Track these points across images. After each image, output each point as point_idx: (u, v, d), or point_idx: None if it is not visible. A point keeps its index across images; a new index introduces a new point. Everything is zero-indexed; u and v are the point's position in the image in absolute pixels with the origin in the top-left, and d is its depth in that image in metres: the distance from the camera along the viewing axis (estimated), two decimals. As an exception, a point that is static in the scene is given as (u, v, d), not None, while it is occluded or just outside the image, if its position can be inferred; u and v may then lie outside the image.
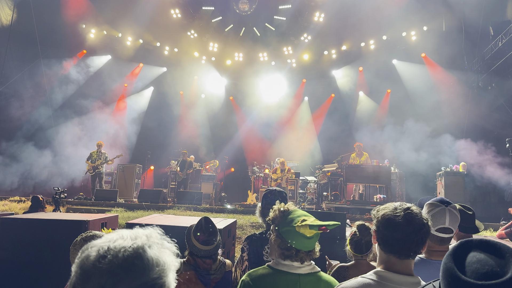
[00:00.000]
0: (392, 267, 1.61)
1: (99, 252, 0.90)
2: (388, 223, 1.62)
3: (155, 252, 0.94)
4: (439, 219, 2.08)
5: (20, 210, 9.06)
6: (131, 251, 0.91)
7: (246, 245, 2.74)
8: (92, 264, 0.89)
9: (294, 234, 1.83)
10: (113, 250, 0.90)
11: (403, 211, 1.63)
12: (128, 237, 0.95)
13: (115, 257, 0.89)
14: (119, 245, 0.92)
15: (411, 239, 1.58)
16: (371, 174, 11.43)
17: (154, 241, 0.98)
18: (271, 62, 18.41)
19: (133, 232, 0.97)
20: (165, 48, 17.73)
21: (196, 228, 2.68)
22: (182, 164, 13.15)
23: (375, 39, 16.38)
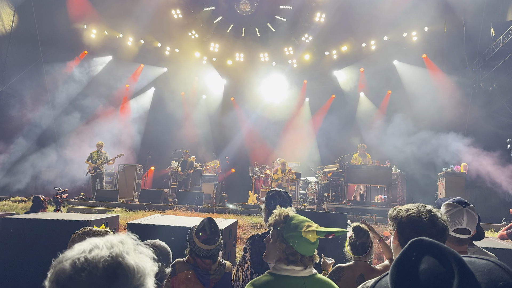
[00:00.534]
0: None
1: (76, 265, 0.85)
2: (414, 225, 1.61)
3: (134, 259, 0.92)
4: (457, 219, 2.09)
5: (21, 210, 9.07)
6: (110, 260, 0.87)
7: (249, 245, 2.75)
8: (69, 278, 0.84)
9: (299, 239, 1.83)
10: (91, 261, 0.86)
11: (428, 212, 1.62)
12: (104, 246, 0.90)
13: (94, 268, 0.85)
14: (97, 255, 0.87)
15: (438, 240, 1.57)
16: (372, 175, 11.43)
17: (130, 247, 0.95)
18: (272, 63, 18.42)
19: (106, 240, 0.93)
20: (166, 49, 17.74)
21: (199, 227, 2.71)
22: (183, 164, 13.15)
23: (376, 39, 16.38)
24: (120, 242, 0.94)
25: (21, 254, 4.13)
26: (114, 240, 0.94)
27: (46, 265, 3.17)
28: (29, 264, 4.06)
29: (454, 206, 2.13)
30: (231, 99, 19.11)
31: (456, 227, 2.08)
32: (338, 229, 1.84)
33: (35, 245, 4.15)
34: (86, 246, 0.90)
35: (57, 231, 4.18)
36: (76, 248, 0.91)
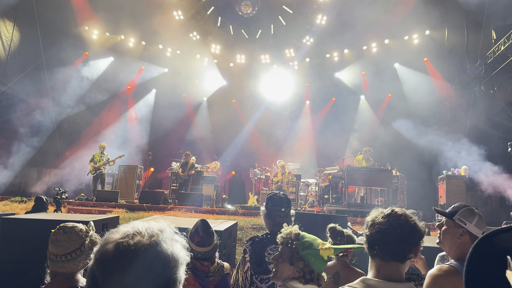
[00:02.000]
0: (379, 271, 1.56)
1: (119, 248, 0.91)
2: (379, 230, 1.60)
3: (170, 248, 0.96)
4: (483, 222, 2.14)
5: (21, 210, 9.07)
6: (150, 248, 0.93)
7: (249, 246, 2.75)
8: (113, 260, 0.90)
9: (316, 257, 1.80)
10: (133, 247, 0.92)
11: (388, 216, 1.64)
12: (146, 233, 0.96)
13: (135, 254, 0.91)
14: (139, 242, 0.93)
15: (400, 239, 1.55)
16: (372, 177, 11.42)
17: (168, 235, 1.00)
18: (273, 65, 18.43)
19: (148, 227, 0.98)
20: (167, 50, 17.76)
21: (193, 230, 2.71)
22: (183, 165, 13.15)
23: (377, 42, 16.39)
24: (159, 230, 0.99)
25: (20, 254, 4.13)
26: (155, 228, 0.99)
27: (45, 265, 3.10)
28: (29, 264, 4.06)
29: (475, 210, 2.19)
30: (233, 101, 19.11)
31: (485, 229, 2.11)
32: (354, 245, 1.82)
33: (34, 245, 4.15)
34: (130, 231, 0.97)
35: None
36: (121, 231, 0.97)
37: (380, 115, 17.50)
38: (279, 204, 2.84)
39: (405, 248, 1.55)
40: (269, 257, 2.66)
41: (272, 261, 1.95)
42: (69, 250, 2.13)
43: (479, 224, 2.11)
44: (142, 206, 10.81)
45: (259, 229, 8.29)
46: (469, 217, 2.15)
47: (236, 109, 19.10)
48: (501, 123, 12.62)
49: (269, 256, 2.67)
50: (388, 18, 14.64)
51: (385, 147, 15.53)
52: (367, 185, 11.76)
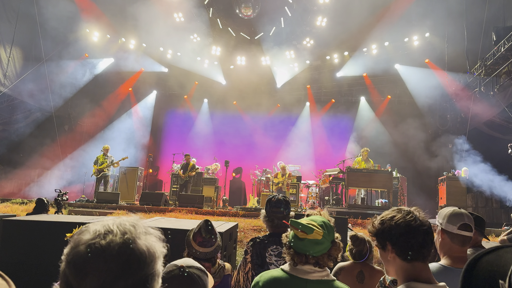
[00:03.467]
0: (420, 275, 1.53)
1: (91, 249, 0.89)
2: (408, 230, 1.54)
3: (144, 243, 0.94)
4: (458, 217, 2.14)
5: (22, 212, 9.08)
6: (124, 247, 0.90)
7: (250, 247, 2.75)
8: (85, 262, 0.88)
9: (291, 234, 1.84)
10: (106, 247, 0.89)
11: (412, 214, 1.60)
12: (117, 231, 0.93)
13: (109, 255, 0.88)
14: (112, 241, 0.90)
15: (430, 238, 1.56)
16: (372, 179, 11.41)
17: (141, 230, 0.97)
18: (273, 66, 18.44)
19: (119, 224, 0.95)
20: (168, 52, 17.79)
21: (196, 230, 2.70)
22: (184, 167, 13.16)
23: (377, 44, 16.40)
24: (132, 226, 0.96)
25: (21, 255, 4.14)
26: (127, 224, 0.96)
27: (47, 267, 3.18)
28: (29, 266, 4.06)
29: (451, 209, 2.21)
30: (234, 103, 19.14)
31: (461, 222, 2.12)
32: (308, 222, 1.79)
33: (35, 246, 4.16)
34: (100, 229, 0.93)
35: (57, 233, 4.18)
36: (91, 230, 0.93)
37: (381, 117, 17.52)
38: (277, 206, 2.86)
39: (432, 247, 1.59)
40: (270, 258, 2.67)
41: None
42: None
43: (451, 220, 2.14)
44: (142, 208, 10.82)
45: (259, 230, 8.29)
46: (440, 216, 2.21)
47: (237, 110, 19.12)
48: (501, 125, 12.63)
49: (271, 257, 2.67)
50: (388, 20, 14.65)
51: (386, 149, 15.55)
52: (367, 187, 11.75)
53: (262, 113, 18.47)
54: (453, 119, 15.29)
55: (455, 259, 2.11)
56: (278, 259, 2.66)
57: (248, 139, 18.14)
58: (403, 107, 17.22)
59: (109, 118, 17.73)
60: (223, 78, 18.88)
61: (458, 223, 2.12)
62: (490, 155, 12.78)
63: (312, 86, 18.78)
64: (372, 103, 18.10)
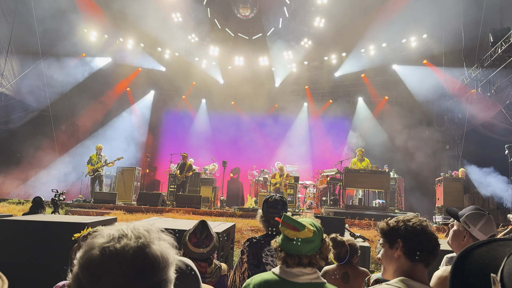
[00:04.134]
0: (417, 274, 1.63)
1: (105, 253, 0.88)
2: (424, 233, 1.67)
3: (158, 248, 0.93)
4: (490, 227, 2.10)
5: (19, 212, 9.05)
6: (138, 251, 0.89)
7: (246, 247, 2.75)
8: (99, 265, 0.87)
9: (282, 236, 1.82)
10: (120, 251, 0.88)
11: (426, 221, 1.73)
12: (132, 235, 0.92)
13: (123, 259, 0.87)
14: (126, 245, 0.89)
15: (438, 245, 1.68)
16: (370, 179, 11.43)
17: (155, 235, 0.96)
18: (271, 67, 18.46)
19: (133, 228, 0.95)
20: (165, 52, 17.78)
21: (191, 231, 2.70)
22: (181, 167, 13.15)
23: (374, 45, 16.43)
24: (146, 230, 0.95)
25: (18, 255, 4.13)
26: (141, 229, 0.95)
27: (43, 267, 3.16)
28: (26, 266, 4.05)
29: (483, 214, 2.15)
30: (232, 103, 19.15)
31: (490, 234, 2.09)
32: (301, 222, 1.77)
33: (32, 247, 4.15)
34: (115, 233, 0.92)
35: (55, 233, 4.18)
36: (105, 234, 0.92)
37: (378, 117, 17.56)
38: (274, 206, 2.85)
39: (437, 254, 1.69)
40: (266, 259, 2.67)
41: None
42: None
43: (483, 229, 2.09)
44: (140, 208, 10.80)
45: (257, 230, 8.30)
46: (474, 221, 2.14)
47: (235, 110, 19.13)
48: (498, 126, 12.68)
49: (267, 257, 2.68)
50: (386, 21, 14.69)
51: (383, 150, 15.59)
52: (365, 187, 11.77)
53: (260, 113, 18.48)
54: (450, 120, 15.34)
55: None
56: (274, 259, 2.67)
57: (246, 139, 18.14)
58: (400, 108, 17.27)
59: (107, 118, 17.69)
60: (221, 78, 18.88)
61: (488, 234, 2.09)
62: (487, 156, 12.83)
63: (310, 87, 18.81)
64: (370, 103, 18.14)
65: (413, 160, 15.28)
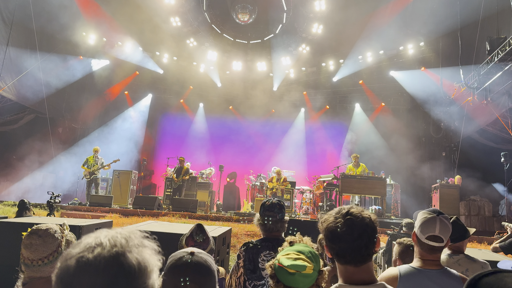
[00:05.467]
0: (352, 277, 1.56)
1: (79, 264, 0.86)
2: (332, 236, 1.57)
3: (136, 256, 0.90)
4: (429, 227, 2.12)
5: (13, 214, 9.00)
6: (111, 261, 0.87)
7: (243, 252, 2.75)
8: (73, 277, 0.85)
9: (278, 266, 1.71)
10: (93, 261, 0.86)
11: (343, 217, 1.57)
12: (107, 244, 0.89)
13: (96, 269, 0.85)
14: (99, 255, 0.87)
15: (358, 244, 1.53)
16: (366, 185, 11.45)
17: (134, 243, 0.93)
18: (269, 72, 18.51)
19: (112, 236, 0.92)
20: (164, 56, 17.80)
21: (188, 235, 2.70)
22: (178, 171, 13.12)
23: (372, 51, 16.52)
24: (124, 238, 0.93)
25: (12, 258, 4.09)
26: (118, 237, 0.93)
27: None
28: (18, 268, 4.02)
29: (428, 214, 2.17)
30: (230, 107, 19.16)
31: (428, 234, 2.11)
32: (302, 264, 1.65)
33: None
34: (91, 242, 0.90)
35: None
36: (82, 243, 0.91)
37: (375, 124, 17.61)
38: (270, 209, 2.85)
39: (371, 248, 1.56)
40: (262, 263, 2.66)
41: None
42: (46, 254, 2.00)
43: (422, 228, 2.14)
44: (136, 211, 10.77)
45: (253, 235, 8.28)
46: (417, 219, 2.23)
47: (233, 115, 19.14)
48: (494, 134, 12.75)
49: (263, 262, 2.67)
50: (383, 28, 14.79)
51: (380, 156, 15.62)
52: (361, 193, 11.79)
53: (258, 118, 18.50)
54: (447, 127, 15.40)
55: (426, 262, 2.12)
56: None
57: (243, 144, 18.14)
58: (397, 115, 17.34)
59: (104, 121, 17.66)
60: (219, 82, 18.90)
61: (427, 234, 2.12)
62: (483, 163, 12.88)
63: (307, 92, 18.86)
64: (367, 109, 18.20)
65: (410, 166, 15.32)
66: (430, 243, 2.10)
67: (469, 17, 12.15)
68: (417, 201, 14.60)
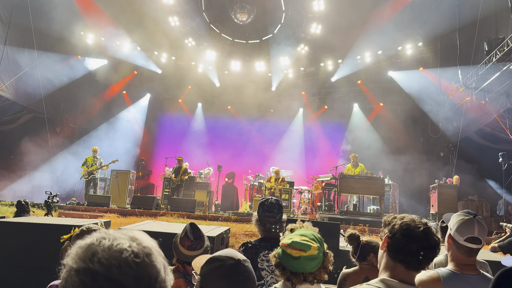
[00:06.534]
0: (398, 275, 1.58)
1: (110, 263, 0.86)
2: (407, 232, 1.60)
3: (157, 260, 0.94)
4: (468, 228, 2.07)
5: (12, 214, 8.97)
6: (138, 260, 0.89)
7: (242, 252, 2.73)
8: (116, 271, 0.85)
9: (283, 253, 1.72)
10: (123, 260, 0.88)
11: (423, 225, 1.62)
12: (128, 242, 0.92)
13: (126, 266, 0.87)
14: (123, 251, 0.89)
15: (425, 254, 1.57)
16: (365, 185, 11.45)
17: (150, 245, 0.97)
18: (268, 72, 18.50)
19: (132, 237, 0.95)
20: (162, 56, 17.76)
21: (182, 235, 2.67)
22: (176, 170, 13.09)
23: (370, 52, 16.53)
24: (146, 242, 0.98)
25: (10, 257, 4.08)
26: (144, 239, 0.98)
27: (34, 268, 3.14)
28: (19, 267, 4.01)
29: (464, 215, 2.13)
30: (228, 107, 19.14)
31: (468, 235, 2.06)
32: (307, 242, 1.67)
33: (24, 248, 4.10)
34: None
35: (46, 235, 4.14)
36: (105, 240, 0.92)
37: (373, 124, 17.62)
38: (270, 210, 2.83)
39: (428, 263, 1.61)
40: (262, 264, 2.65)
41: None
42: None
43: (459, 230, 2.09)
44: (134, 211, 10.74)
45: (251, 235, 8.27)
46: (452, 221, 2.17)
47: (231, 115, 19.12)
48: (492, 134, 12.77)
49: (262, 262, 2.65)
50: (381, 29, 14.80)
51: (378, 156, 15.62)
52: (360, 193, 11.78)
53: (256, 118, 18.49)
54: (445, 127, 15.42)
55: (463, 266, 2.08)
56: (270, 264, 2.64)
57: (241, 144, 18.14)
58: (395, 115, 17.36)
59: (102, 120, 17.62)
60: (218, 82, 18.88)
61: (465, 235, 2.07)
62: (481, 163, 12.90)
63: (306, 92, 18.86)
64: (365, 109, 18.21)
65: (408, 166, 15.33)
66: (469, 245, 2.06)
67: (467, 17, 12.16)
68: (415, 201, 14.62)
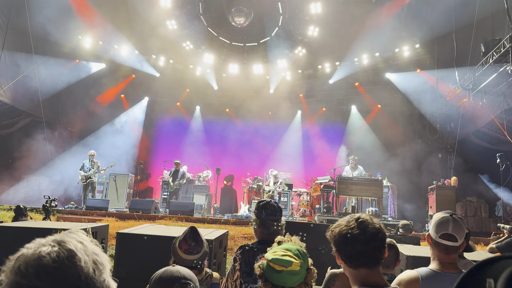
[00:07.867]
0: (366, 280, 1.59)
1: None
2: (345, 239, 1.61)
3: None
4: (443, 225, 2.12)
5: (10, 218, 8.95)
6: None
7: (239, 255, 2.74)
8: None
9: (267, 265, 1.74)
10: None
11: (356, 221, 1.64)
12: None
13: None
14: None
15: (372, 246, 1.59)
16: (363, 187, 11.46)
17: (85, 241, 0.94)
18: (266, 75, 18.53)
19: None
20: (160, 59, 17.78)
21: (181, 238, 2.68)
22: (174, 174, 13.10)
23: (368, 54, 16.58)
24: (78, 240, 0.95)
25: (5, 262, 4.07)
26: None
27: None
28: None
29: (443, 214, 2.18)
30: (227, 110, 19.15)
31: (442, 232, 2.11)
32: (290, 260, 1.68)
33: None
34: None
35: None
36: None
37: (371, 125, 17.66)
38: (273, 213, 2.85)
39: (382, 251, 1.62)
40: (259, 266, 2.65)
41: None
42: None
43: (436, 227, 2.15)
44: (132, 215, 10.73)
45: (250, 238, 8.26)
46: (432, 220, 2.23)
47: (229, 118, 19.13)
48: (490, 135, 12.80)
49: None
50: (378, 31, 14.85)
51: (376, 158, 15.65)
52: (358, 195, 11.79)
53: (254, 121, 18.50)
54: (443, 129, 15.46)
55: (444, 264, 2.12)
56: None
57: (239, 147, 18.13)
58: (393, 116, 17.40)
59: (100, 124, 17.61)
60: (216, 85, 18.90)
61: (440, 232, 2.12)
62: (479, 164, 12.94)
63: (304, 95, 18.89)
64: (363, 111, 18.25)
65: (406, 168, 15.35)
66: (444, 242, 2.10)
67: (464, 19, 12.22)
68: (413, 202, 14.63)
